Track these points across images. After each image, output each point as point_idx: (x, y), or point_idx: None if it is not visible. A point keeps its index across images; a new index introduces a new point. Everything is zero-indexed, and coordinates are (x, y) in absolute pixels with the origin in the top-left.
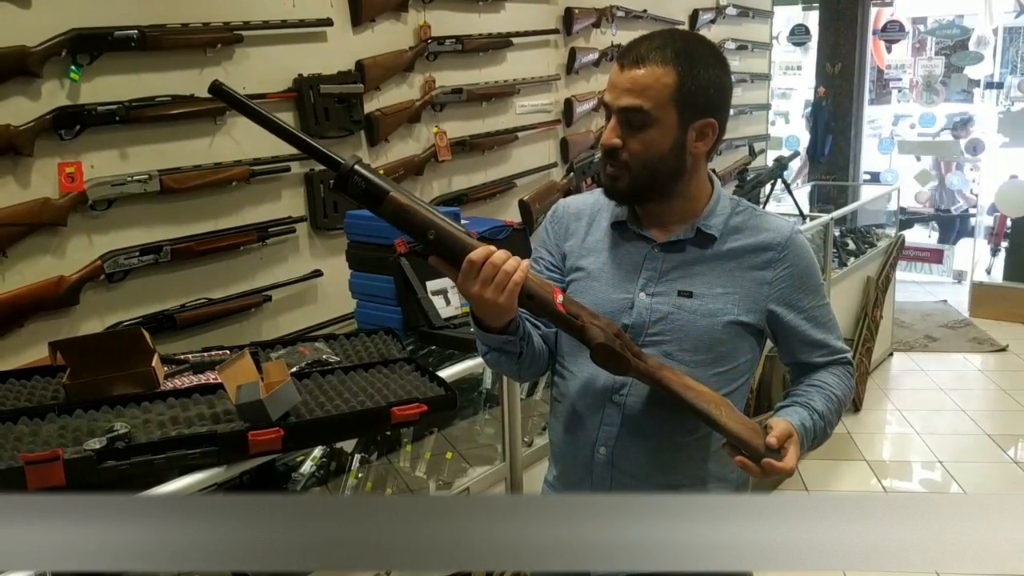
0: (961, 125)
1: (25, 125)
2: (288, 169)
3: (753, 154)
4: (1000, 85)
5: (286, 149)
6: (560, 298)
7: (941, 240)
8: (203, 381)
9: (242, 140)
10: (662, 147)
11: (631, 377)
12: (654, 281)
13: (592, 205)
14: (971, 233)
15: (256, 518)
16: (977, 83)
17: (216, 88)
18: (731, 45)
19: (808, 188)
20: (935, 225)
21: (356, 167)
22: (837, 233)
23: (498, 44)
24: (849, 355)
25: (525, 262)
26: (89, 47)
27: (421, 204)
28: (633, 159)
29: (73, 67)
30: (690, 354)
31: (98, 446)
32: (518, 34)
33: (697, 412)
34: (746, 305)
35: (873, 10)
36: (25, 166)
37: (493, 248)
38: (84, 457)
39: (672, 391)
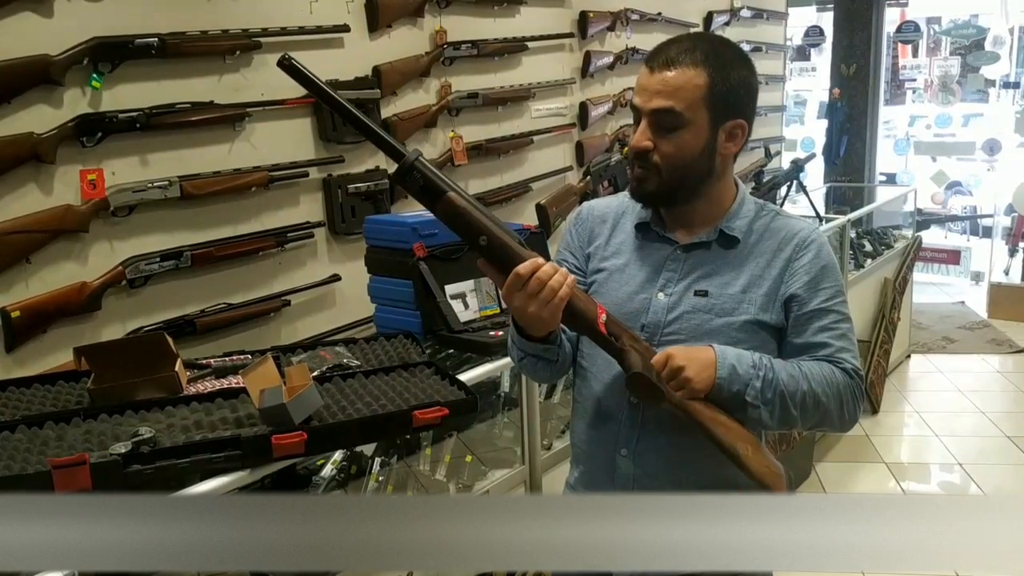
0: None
1: (48, 133)
2: (306, 175)
3: (769, 156)
4: (1016, 85)
5: (304, 155)
6: (603, 317)
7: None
8: (226, 385)
9: (261, 146)
10: (694, 149)
11: (663, 407)
12: (673, 282)
13: (616, 208)
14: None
15: (280, 518)
16: (993, 83)
17: (285, 64)
18: (746, 47)
19: (824, 189)
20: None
21: (417, 162)
22: (854, 235)
23: (513, 48)
24: (850, 367)
25: (571, 278)
26: (110, 55)
27: (476, 207)
28: (664, 161)
29: (95, 75)
30: None
31: (124, 450)
32: (533, 38)
33: (723, 448)
34: (764, 303)
35: (889, 11)
36: (48, 173)
37: (541, 261)
38: (110, 461)
39: (701, 424)
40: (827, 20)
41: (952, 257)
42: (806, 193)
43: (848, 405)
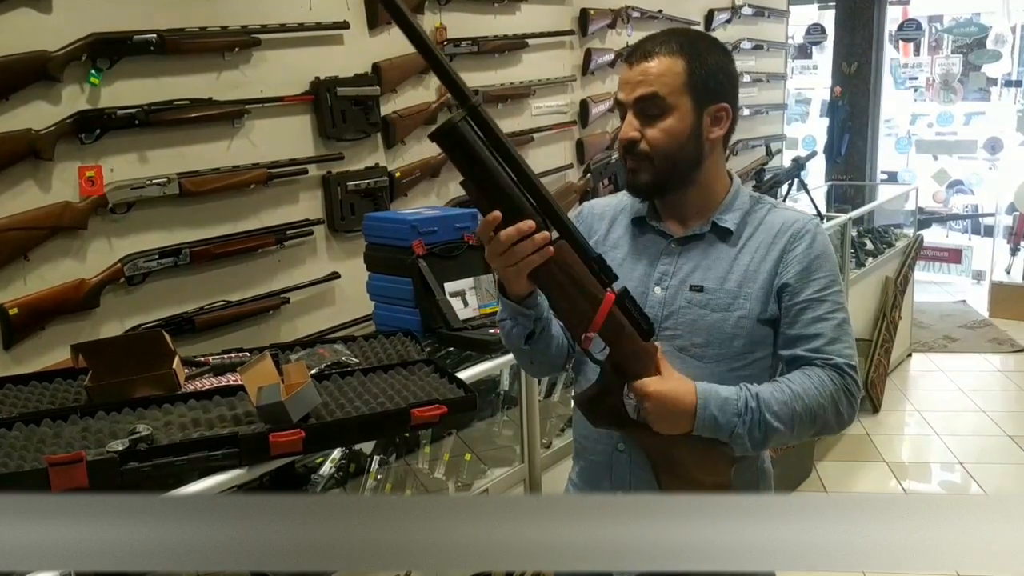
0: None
1: (46, 129)
2: (306, 172)
3: (770, 154)
4: (1018, 83)
5: (303, 152)
6: (593, 334)
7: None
8: (224, 383)
9: (260, 143)
10: (680, 134)
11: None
12: (668, 275)
13: (615, 206)
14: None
15: (278, 518)
16: (995, 81)
17: None
18: (747, 45)
19: (825, 188)
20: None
21: (460, 124)
22: (855, 233)
23: (514, 45)
24: (843, 362)
25: (548, 249)
26: (109, 51)
27: (517, 180)
28: (654, 149)
29: (93, 71)
30: (703, 349)
31: (121, 448)
32: (533, 35)
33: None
34: (760, 297)
35: (890, 9)
36: (46, 170)
37: (502, 225)
38: (107, 459)
39: (652, 463)
40: (828, 18)
41: (953, 256)
42: (807, 191)
43: (843, 406)
